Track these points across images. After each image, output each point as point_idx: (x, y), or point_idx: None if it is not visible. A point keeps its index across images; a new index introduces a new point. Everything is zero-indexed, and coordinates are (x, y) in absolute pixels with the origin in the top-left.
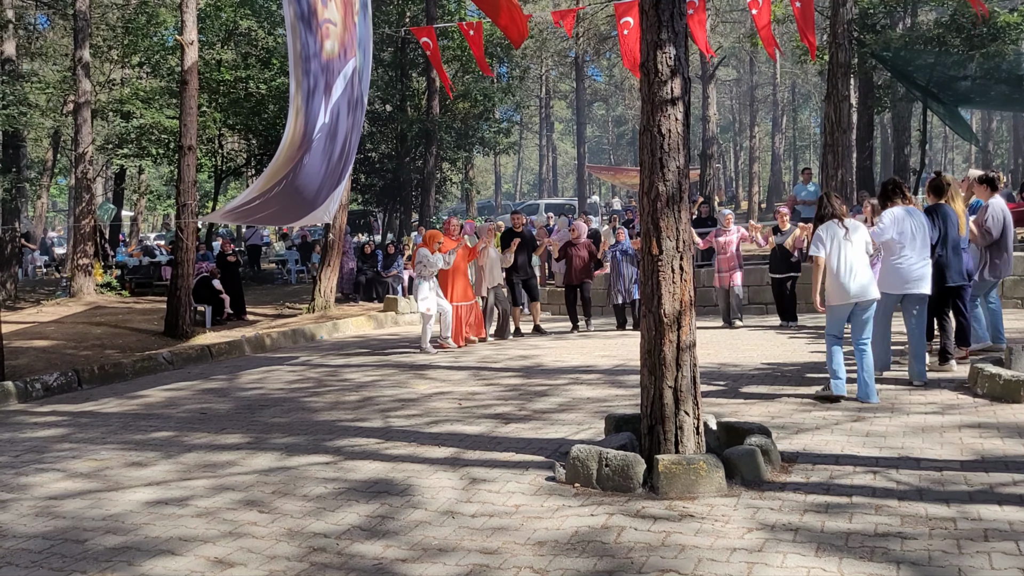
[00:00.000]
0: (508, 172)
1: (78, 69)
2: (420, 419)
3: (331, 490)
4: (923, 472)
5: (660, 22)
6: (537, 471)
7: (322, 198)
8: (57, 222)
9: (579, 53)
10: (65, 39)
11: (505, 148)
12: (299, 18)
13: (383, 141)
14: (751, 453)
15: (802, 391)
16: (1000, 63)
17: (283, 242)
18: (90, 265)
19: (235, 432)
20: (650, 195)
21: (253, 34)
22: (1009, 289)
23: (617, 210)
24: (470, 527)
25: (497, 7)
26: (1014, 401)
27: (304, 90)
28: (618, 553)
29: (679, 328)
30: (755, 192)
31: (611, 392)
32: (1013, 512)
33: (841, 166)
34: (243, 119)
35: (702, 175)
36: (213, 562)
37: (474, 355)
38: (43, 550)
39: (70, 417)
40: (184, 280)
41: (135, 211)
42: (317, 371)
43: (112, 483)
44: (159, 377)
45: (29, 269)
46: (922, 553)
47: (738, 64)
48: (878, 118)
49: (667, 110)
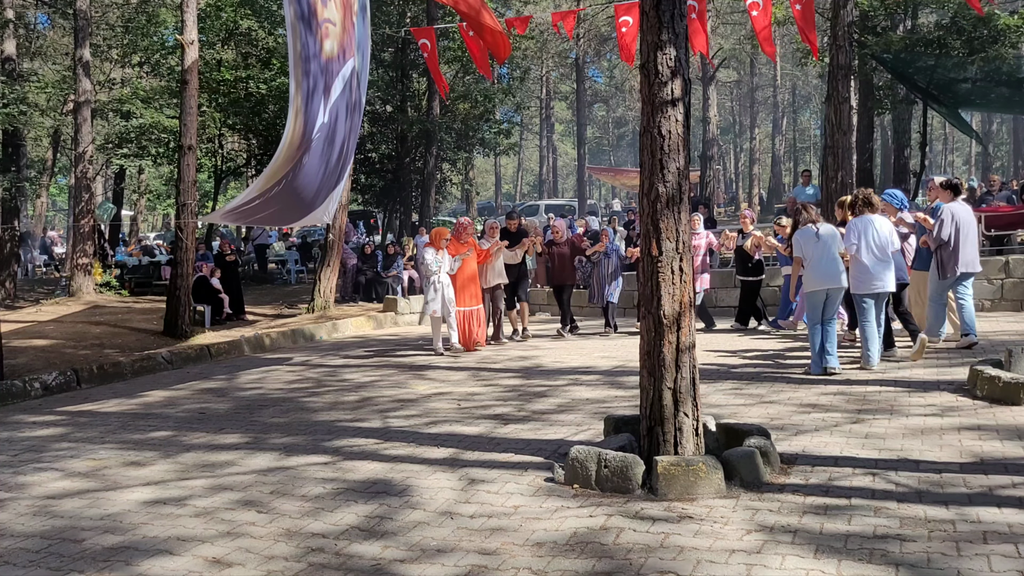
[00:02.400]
0: (508, 173)
1: (78, 68)
2: (419, 419)
3: (329, 490)
4: (922, 474)
5: (660, 23)
6: (536, 472)
7: (321, 198)
8: (57, 221)
9: (580, 54)
10: (65, 38)
11: (505, 149)
12: (299, 18)
13: (383, 141)
14: (750, 455)
15: (801, 391)
16: (1000, 66)
17: (283, 242)
18: (89, 264)
19: (234, 432)
20: (650, 196)
21: (253, 34)
22: (1008, 291)
23: (617, 211)
24: (469, 528)
25: (481, 26)
26: (1014, 403)
27: (304, 91)
28: (617, 554)
29: (679, 329)
30: (755, 194)
31: (610, 393)
32: (1012, 515)
33: (841, 168)
34: (243, 119)
35: (702, 177)
36: (211, 562)
37: (473, 356)
38: (41, 549)
39: (68, 416)
40: (184, 280)
41: (135, 211)
42: (316, 371)
43: (110, 483)
44: (158, 377)
45: (29, 268)
46: (921, 555)
47: (738, 66)
48: (878, 120)
49: (667, 111)
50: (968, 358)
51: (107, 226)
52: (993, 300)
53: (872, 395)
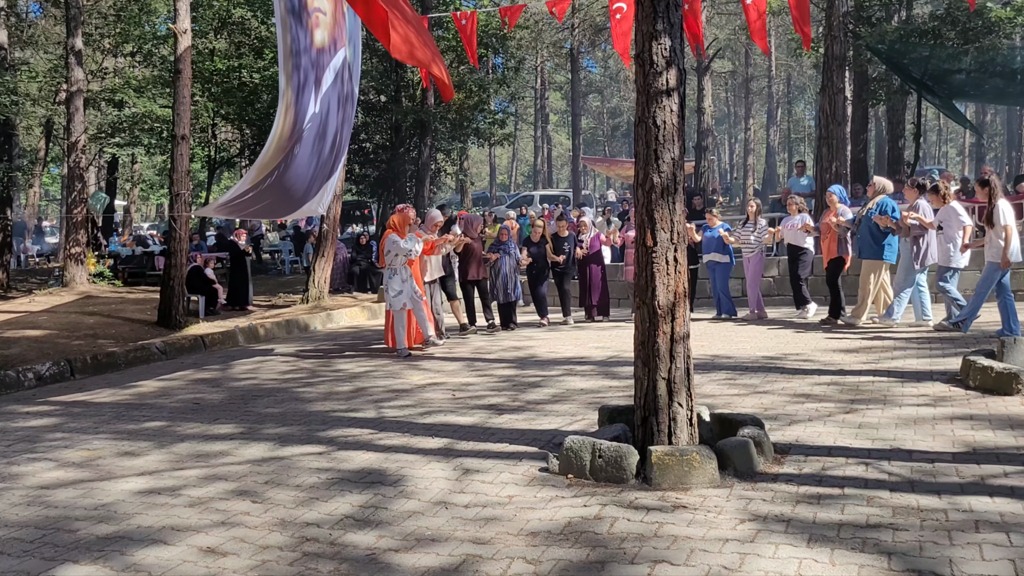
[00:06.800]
0: (503, 163)
1: (70, 57)
2: (413, 410)
3: (324, 480)
4: (915, 464)
5: (656, 12)
6: (530, 462)
7: (315, 190)
8: (50, 211)
9: (574, 44)
10: (57, 27)
11: (500, 139)
12: (290, 12)
13: (377, 132)
14: (744, 445)
15: (795, 381)
16: (994, 57)
17: (277, 232)
18: (83, 254)
19: (228, 422)
20: (645, 186)
21: (246, 23)
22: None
23: (612, 202)
24: (463, 517)
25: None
26: (1006, 393)
27: (294, 85)
28: (610, 544)
29: (673, 320)
30: (749, 184)
31: (604, 383)
32: (1004, 504)
33: (836, 159)
34: (236, 108)
35: (697, 167)
36: (205, 552)
37: (467, 346)
38: (35, 539)
39: (62, 407)
40: (177, 270)
41: (128, 200)
42: (310, 361)
43: (104, 473)
44: (152, 367)
45: (21, 258)
46: (913, 544)
47: (733, 56)
48: (873, 111)
49: (662, 101)
50: (961, 348)
51: (100, 216)
52: None
53: (865, 385)
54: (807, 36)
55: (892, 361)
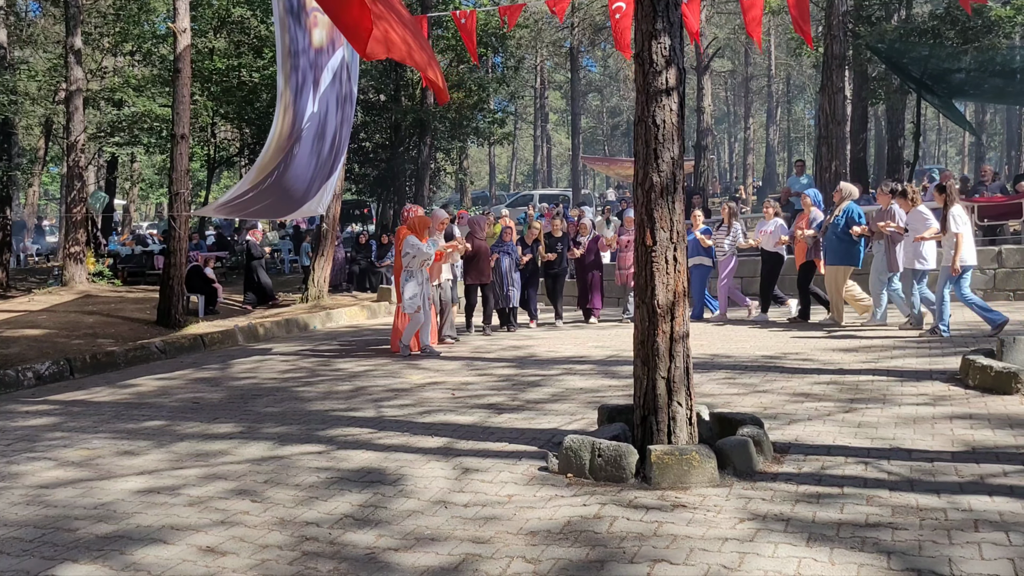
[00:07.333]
0: (503, 162)
1: (70, 57)
2: (413, 409)
3: (323, 479)
4: (914, 463)
5: (655, 11)
6: (530, 461)
7: (314, 190)
8: (49, 210)
9: (574, 44)
10: (56, 26)
11: (500, 138)
12: (288, 12)
13: (377, 131)
14: (743, 444)
15: (795, 381)
16: (994, 56)
17: (276, 232)
18: (82, 254)
19: (227, 421)
20: (644, 186)
21: (245, 22)
22: (1001, 281)
23: (611, 201)
24: (462, 517)
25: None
26: (1005, 393)
27: (293, 85)
28: (610, 543)
29: (672, 319)
30: (749, 183)
31: (604, 383)
32: (1003, 503)
33: (835, 158)
34: (236, 108)
35: (696, 166)
36: (204, 551)
37: (467, 346)
38: (34, 539)
39: (62, 406)
40: (177, 269)
41: (128, 200)
42: (310, 360)
43: (103, 472)
44: (151, 366)
45: (21, 257)
46: (912, 543)
47: (733, 55)
48: (872, 110)
49: (662, 100)
50: (960, 348)
51: (99, 215)
52: (986, 290)
53: (864, 384)
54: (808, 35)
55: (891, 360)
